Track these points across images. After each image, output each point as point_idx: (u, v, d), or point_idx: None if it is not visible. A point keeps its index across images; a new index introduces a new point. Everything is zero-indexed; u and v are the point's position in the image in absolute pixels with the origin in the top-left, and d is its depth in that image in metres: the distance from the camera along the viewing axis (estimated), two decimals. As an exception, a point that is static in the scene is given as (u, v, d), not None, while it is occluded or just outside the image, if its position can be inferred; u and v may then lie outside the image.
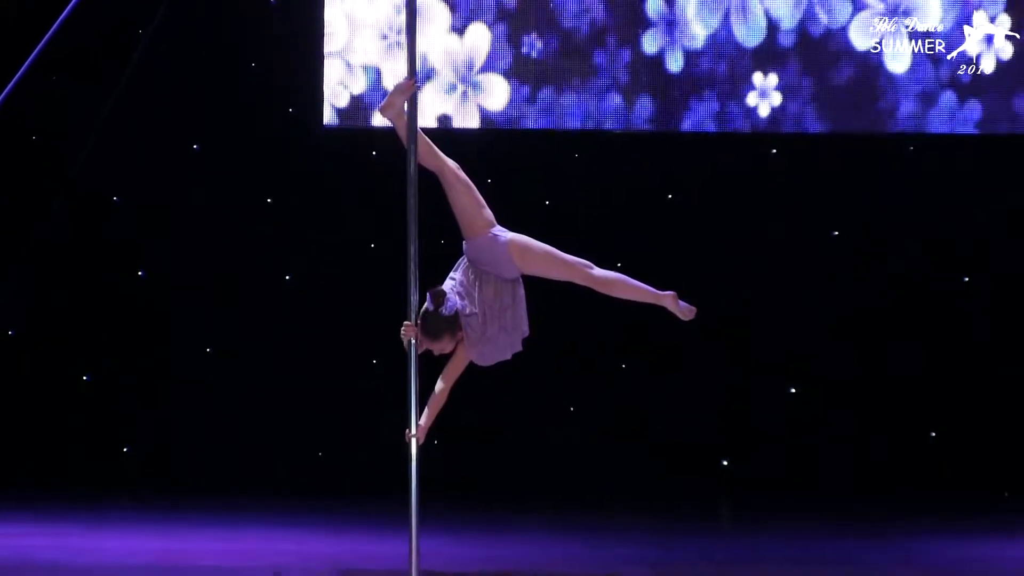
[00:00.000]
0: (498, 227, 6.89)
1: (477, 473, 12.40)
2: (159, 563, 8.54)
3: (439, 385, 6.89)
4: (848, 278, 12.59)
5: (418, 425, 6.56)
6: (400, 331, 6.65)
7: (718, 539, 10.55)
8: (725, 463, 12.60)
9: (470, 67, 12.27)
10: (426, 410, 6.78)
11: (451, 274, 6.97)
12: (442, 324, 6.74)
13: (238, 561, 8.66)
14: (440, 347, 6.83)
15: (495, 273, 6.87)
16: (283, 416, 12.57)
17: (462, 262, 6.97)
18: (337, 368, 12.56)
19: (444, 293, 6.73)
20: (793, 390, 12.62)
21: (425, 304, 6.72)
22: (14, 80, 7.31)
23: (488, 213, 6.87)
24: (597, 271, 6.99)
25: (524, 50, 12.30)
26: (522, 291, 6.96)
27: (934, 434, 12.58)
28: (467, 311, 6.76)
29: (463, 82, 12.26)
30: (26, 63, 7.30)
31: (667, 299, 7.01)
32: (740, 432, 12.57)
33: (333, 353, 12.57)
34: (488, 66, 12.30)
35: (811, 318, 12.58)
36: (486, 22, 12.28)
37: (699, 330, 12.58)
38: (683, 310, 7.02)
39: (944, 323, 12.56)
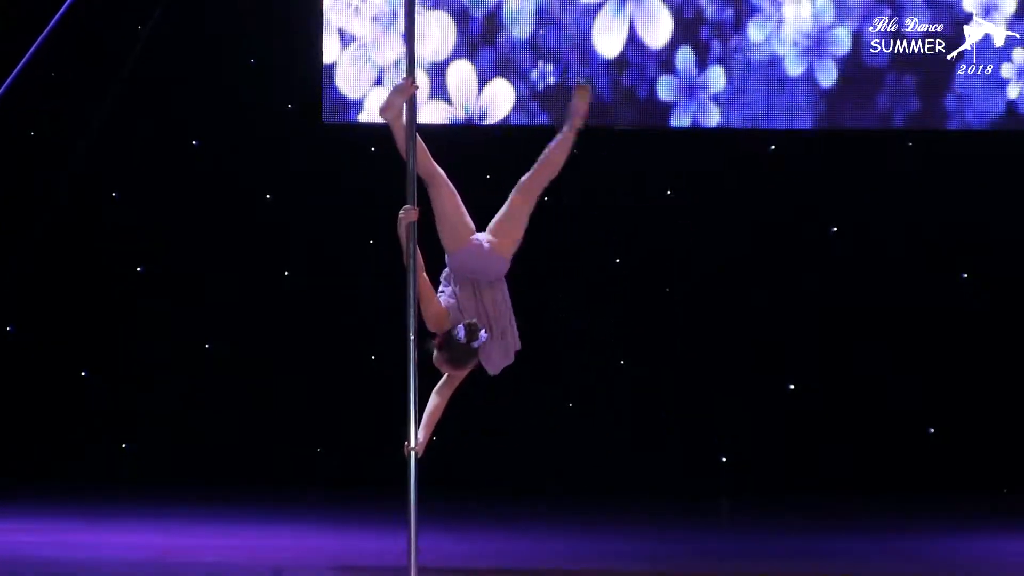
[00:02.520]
0: (477, 233, 6.79)
1: (476, 469, 12.40)
2: (159, 558, 8.55)
3: (435, 400, 6.78)
4: (847, 274, 12.59)
5: (417, 440, 6.52)
6: (400, 215, 6.54)
7: (717, 535, 10.56)
8: (724, 460, 12.60)
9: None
10: (423, 425, 6.67)
11: (441, 288, 6.86)
12: (470, 354, 6.65)
13: (237, 557, 8.66)
14: (461, 373, 6.75)
15: (485, 277, 6.79)
16: (282, 412, 12.57)
17: (448, 275, 6.85)
18: (336, 364, 12.56)
19: (478, 327, 6.64)
20: (792, 386, 12.62)
21: (454, 333, 6.60)
22: (13, 74, 7.31)
23: (469, 221, 6.78)
24: (527, 178, 6.81)
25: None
26: (505, 286, 6.89)
27: (933, 430, 12.58)
28: (485, 335, 6.69)
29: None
30: (25, 58, 7.29)
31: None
32: (738, 429, 12.56)
33: (332, 349, 12.58)
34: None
35: (810, 314, 12.58)
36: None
37: (698, 326, 12.64)
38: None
39: (944, 319, 12.55)
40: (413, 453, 6.48)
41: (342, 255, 12.59)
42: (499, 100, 12.30)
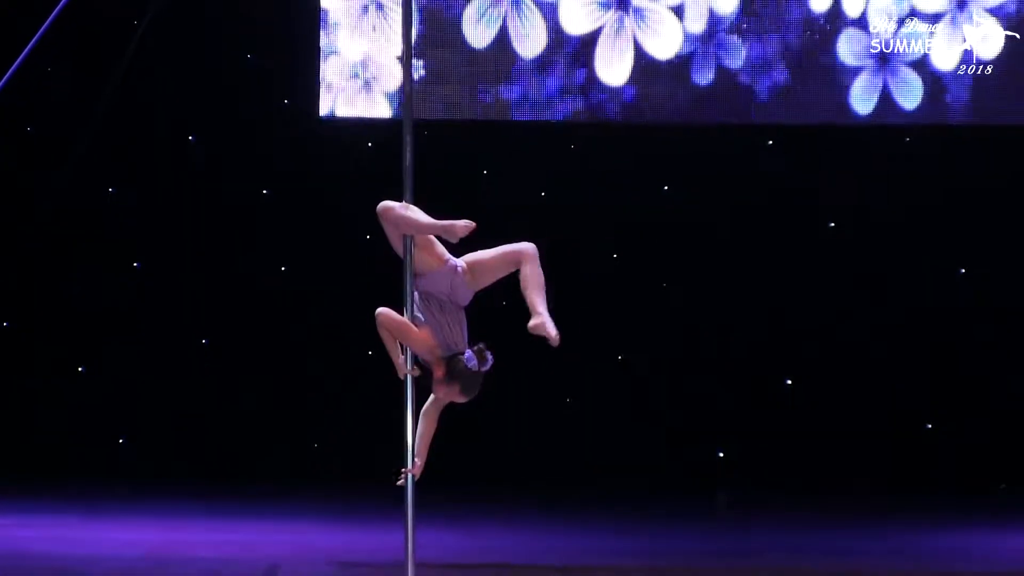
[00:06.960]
0: (452, 258, 6.66)
1: (474, 465, 12.39)
2: (156, 554, 8.55)
3: (425, 423, 6.60)
4: (846, 270, 12.59)
5: (414, 463, 6.48)
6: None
7: (715, 530, 10.57)
8: (721, 455, 12.60)
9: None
10: (418, 451, 6.54)
11: (431, 314, 6.66)
12: (480, 378, 6.50)
13: (235, 553, 8.66)
14: (468, 398, 6.58)
15: (451, 300, 6.61)
16: (279, 407, 12.56)
17: (420, 299, 6.67)
18: (332, 359, 12.55)
19: (484, 349, 6.48)
20: (789, 382, 12.63)
21: (464, 365, 6.44)
22: (11, 71, 7.31)
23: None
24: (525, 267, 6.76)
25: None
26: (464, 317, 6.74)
27: (930, 426, 12.59)
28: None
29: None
30: (22, 54, 7.29)
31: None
32: (736, 424, 12.56)
33: (329, 344, 12.57)
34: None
35: (808, 311, 12.57)
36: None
37: (696, 322, 12.65)
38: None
39: (941, 316, 12.55)
40: (410, 476, 6.44)
41: (339, 250, 12.58)
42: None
